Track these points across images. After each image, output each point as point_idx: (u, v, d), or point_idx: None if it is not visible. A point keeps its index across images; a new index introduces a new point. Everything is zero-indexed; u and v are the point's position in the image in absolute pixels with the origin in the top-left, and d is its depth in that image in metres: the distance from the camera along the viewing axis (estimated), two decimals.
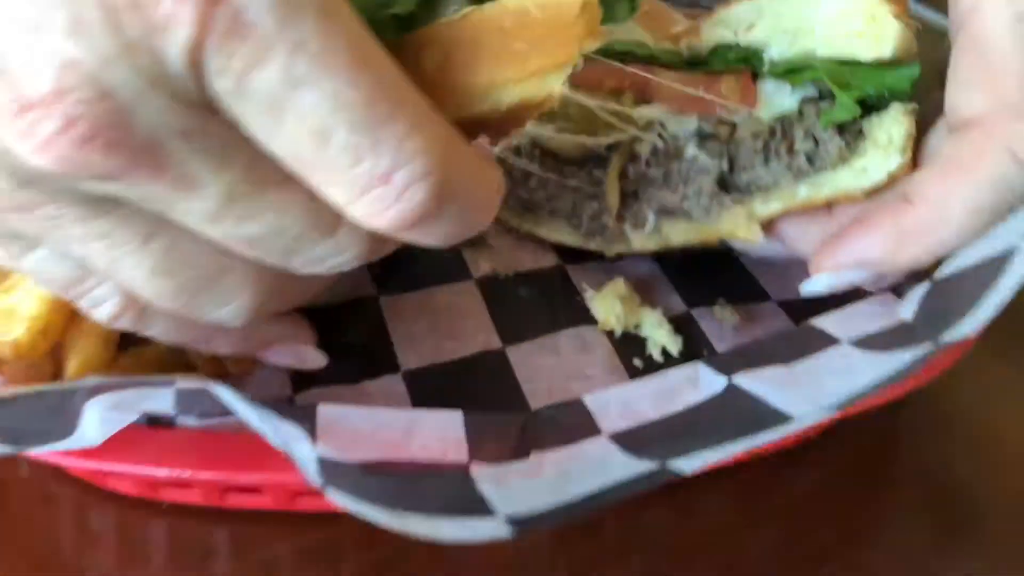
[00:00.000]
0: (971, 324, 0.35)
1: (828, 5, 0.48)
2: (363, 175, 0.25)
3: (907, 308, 0.42)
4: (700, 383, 0.40)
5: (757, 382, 0.38)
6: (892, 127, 0.47)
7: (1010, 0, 0.40)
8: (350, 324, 0.55)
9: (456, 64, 0.31)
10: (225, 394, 0.33)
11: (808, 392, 0.36)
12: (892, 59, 0.47)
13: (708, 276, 0.60)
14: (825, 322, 0.43)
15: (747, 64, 0.51)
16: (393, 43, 0.30)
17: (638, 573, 0.44)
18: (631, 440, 0.37)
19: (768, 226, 0.52)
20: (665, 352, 0.55)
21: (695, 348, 0.56)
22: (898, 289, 0.49)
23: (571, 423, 0.39)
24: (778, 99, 0.51)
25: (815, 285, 0.47)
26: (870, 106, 0.49)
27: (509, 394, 0.51)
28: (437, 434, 0.38)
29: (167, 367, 0.48)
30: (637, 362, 0.54)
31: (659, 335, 0.55)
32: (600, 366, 0.53)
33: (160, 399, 0.35)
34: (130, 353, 0.48)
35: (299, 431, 0.35)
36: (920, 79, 0.47)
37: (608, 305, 0.56)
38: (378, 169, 0.25)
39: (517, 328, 0.56)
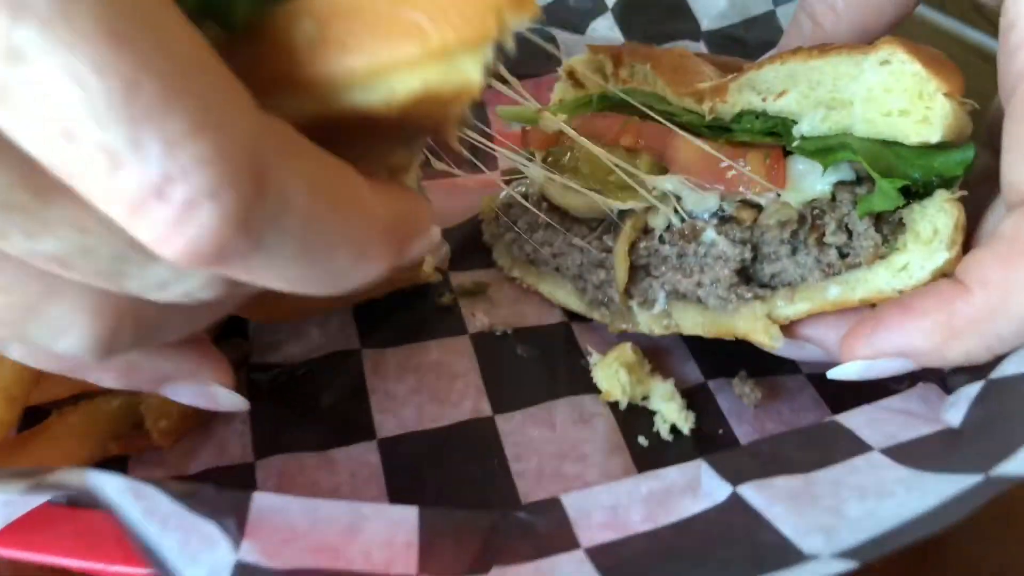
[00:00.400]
0: None
1: (869, 77, 0.41)
2: (128, 186, 0.19)
3: (954, 411, 0.36)
4: (701, 489, 0.35)
5: (766, 496, 0.32)
6: (937, 217, 0.40)
7: None
8: (326, 381, 0.50)
9: (333, 40, 0.23)
10: (110, 485, 0.28)
11: (824, 516, 0.30)
12: (941, 142, 0.40)
13: (730, 342, 0.54)
14: (855, 419, 0.37)
15: (775, 137, 0.44)
16: (256, 18, 0.23)
17: None
18: (610, 560, 0.31)
19: (792, 328, 0.46)
20: (675, 429, 0.49)
21: (709, 427, 0.49)
22: (945, 379, 0.42)
23: (547, 530, 0.34)
24: (809, 181, 0.44)
25: (845, 372, 0.40)
26: (912, 192, 0.42)
27: (494, 471, 0.46)
28: (384, 536, 0.32)
29: (114, 423, 0.44)
30: (642, 440, 0.48)
31: (669, 410, 0.49)
32: (599, 443, 0.48)
33: (48, 495, 0.31)
34: (82, 408, 0.44)
35: (217, 531, 0.30)
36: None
37: (612, 373, 0.50)
38: (146, 179, 0.19)
39: (511, 393, 0.50)
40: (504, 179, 0.58)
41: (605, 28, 0.77)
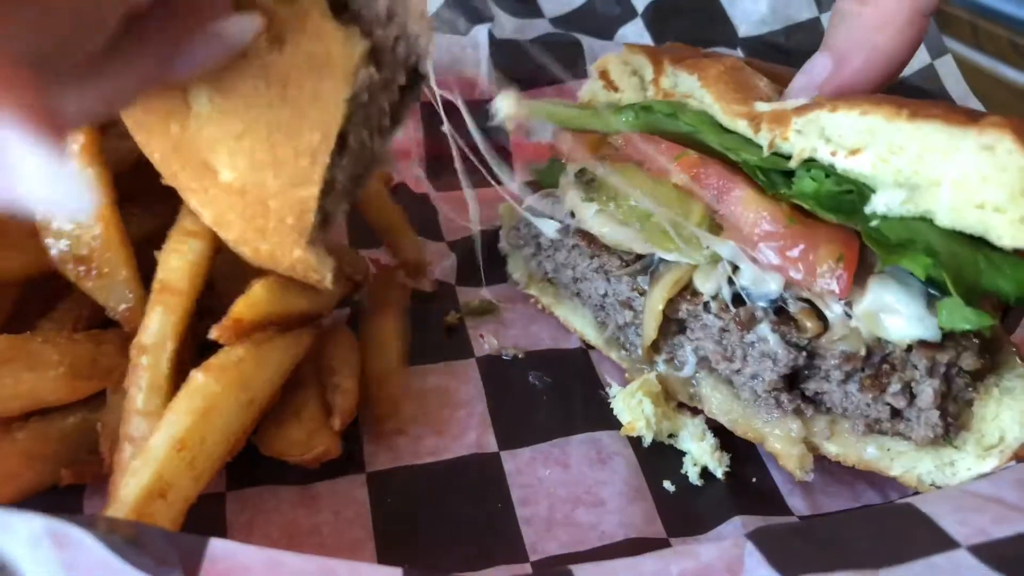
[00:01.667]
0: None
1: (965, 160, 0.34)
2: None
3: None
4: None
5: None
6: (1011, 427, 0.37)
7: None
8: None
9: None
10: (23, 531, 0.23)
11: None
12: None
13: None
14: (936, 505, 0.31)
15: (845, 213, 0.37)
16: None
17: None
18: None
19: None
20: (706, 473, 0.43)
21: (745, 471, 0.44)
22: None
23: None
24: (886, 302, 0.37)
25: None
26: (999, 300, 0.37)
27: (498, 516, 0.40)
28: None
29: (68, 444, 0.39)
30: (668, 484, 0.43)
31: (700, 450, 0.43)
32: (618, 487, 0.42)
33: None
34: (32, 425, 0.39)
35: None
36: None
37: (635, 404, 0.44)
38: None
39: (520, 427, 0.45)
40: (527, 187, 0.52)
41: (634, 35, 0.72)
